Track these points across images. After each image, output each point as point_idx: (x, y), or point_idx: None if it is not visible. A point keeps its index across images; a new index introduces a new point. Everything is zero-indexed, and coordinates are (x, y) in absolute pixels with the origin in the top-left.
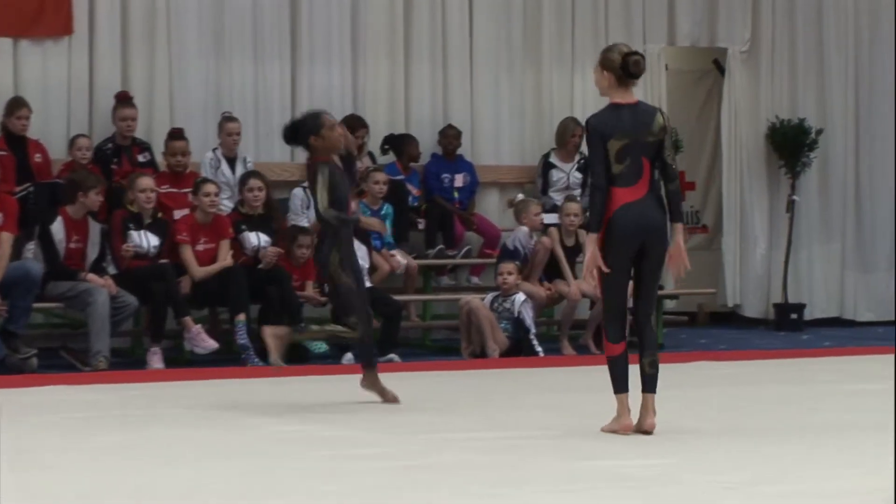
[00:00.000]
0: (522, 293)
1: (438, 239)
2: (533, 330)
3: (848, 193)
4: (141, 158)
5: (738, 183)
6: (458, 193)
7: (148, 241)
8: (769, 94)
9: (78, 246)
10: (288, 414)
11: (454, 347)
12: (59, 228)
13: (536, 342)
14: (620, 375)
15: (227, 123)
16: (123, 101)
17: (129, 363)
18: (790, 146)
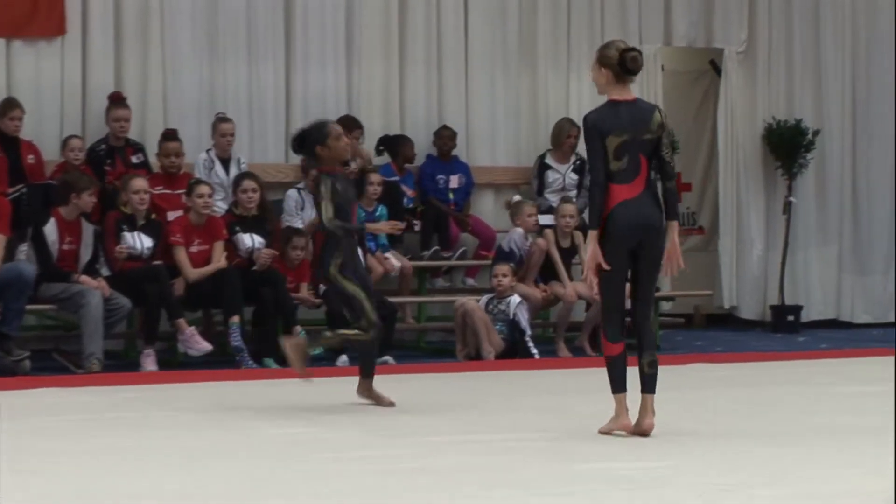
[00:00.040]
0: (518, 295)
1: (433, 240)
2: (528, 332)
3: (845, 195)
4: (134, 159)
5: (734, 184)
6: (453, 195)
7: (141, 242)
8: (766, 94)
9: (71, 247)
10: (282, 416)
11: (449, 350)
12: (52, 230)
13: (532, 344)
14: (619, 375)
15: (220, 124)
16: (117, 101)
17: (122, 365)
18: (787, 147)
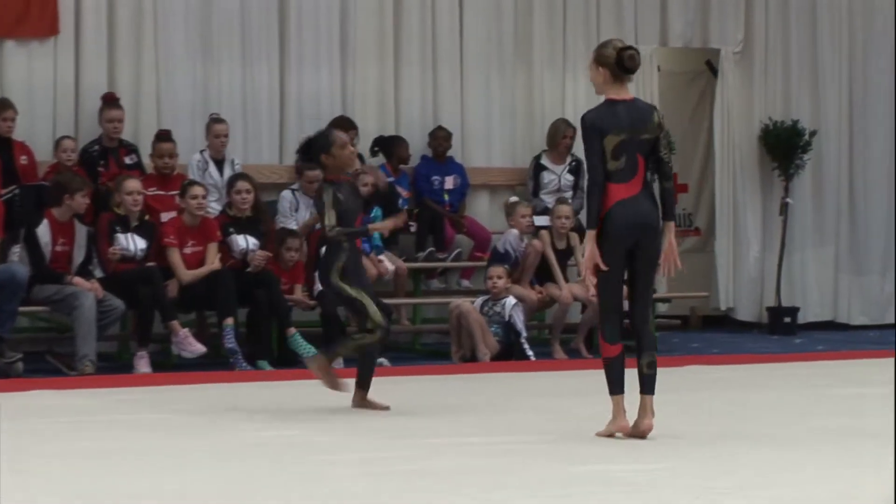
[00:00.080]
0: (513, 297)
1: (429, 241)
2: (524, 334)
3: (842, 196)
4: (128, 160)
5: (730, 185)
6: (448, 196)
7: (135, 244)
8: (762, 95)
9: (64, 249)
10: (277, 418)
11: (444, 352)
12: (45, 231)
13: (527, 346)
14: (616, 377)
15: (214, 125)
16: (110, 102)
17: (115, 367)
18: (783, 148)
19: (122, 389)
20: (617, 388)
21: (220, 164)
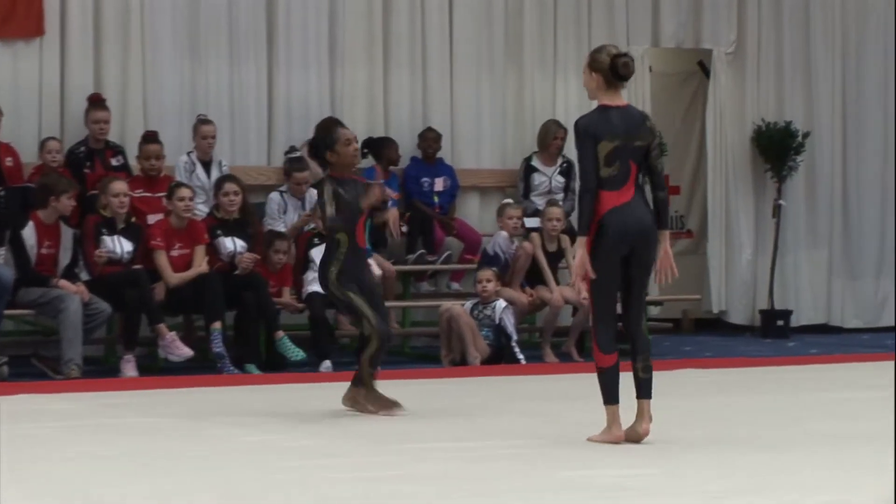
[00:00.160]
0: (503, 300)
1: (418, 244)
2: (514, 337)
3: (835, 198)
4: (114, 162)
5: (723, 187)
6: (438, 198)
7: (121, 246)
8: (755, 96)
9: (50, 251)
10: (264, 423)
11: (434, 355)
12: (30, 233)
13: (518, 350)
14: (611, 387)
15: (201, 126)
16: (96, 103)
17: (102, 371)
18: (776, 149)
19: (108, 393)
20: (612, 398)
21: (207, 165)
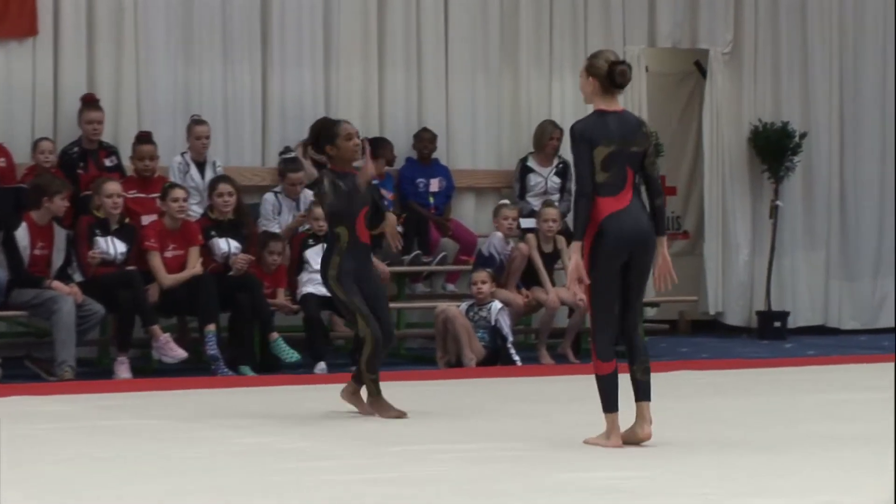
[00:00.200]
0: (499, 301)
1: (414, 245)
2: (510, 338)
3: (832, 198)
4: (108, 163)
5: (720, 187)
6: (433, 198)
7: (115, 247)
8: (752, 96)
9: (43, 252)
10: (258, 425)
11: (429, 357)
12: (23, 234)
13: (514, 351)
14: (610, 394)
15: (195, 127)
16: (89, 103)
17: (95, 373)
18: (773, 150)
19: (102, 395)
20: (611, 405)
21: (201, 166)
